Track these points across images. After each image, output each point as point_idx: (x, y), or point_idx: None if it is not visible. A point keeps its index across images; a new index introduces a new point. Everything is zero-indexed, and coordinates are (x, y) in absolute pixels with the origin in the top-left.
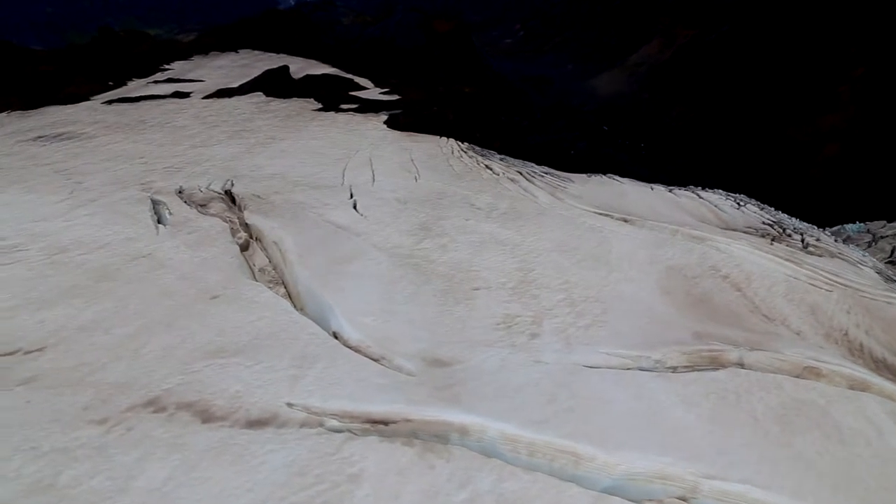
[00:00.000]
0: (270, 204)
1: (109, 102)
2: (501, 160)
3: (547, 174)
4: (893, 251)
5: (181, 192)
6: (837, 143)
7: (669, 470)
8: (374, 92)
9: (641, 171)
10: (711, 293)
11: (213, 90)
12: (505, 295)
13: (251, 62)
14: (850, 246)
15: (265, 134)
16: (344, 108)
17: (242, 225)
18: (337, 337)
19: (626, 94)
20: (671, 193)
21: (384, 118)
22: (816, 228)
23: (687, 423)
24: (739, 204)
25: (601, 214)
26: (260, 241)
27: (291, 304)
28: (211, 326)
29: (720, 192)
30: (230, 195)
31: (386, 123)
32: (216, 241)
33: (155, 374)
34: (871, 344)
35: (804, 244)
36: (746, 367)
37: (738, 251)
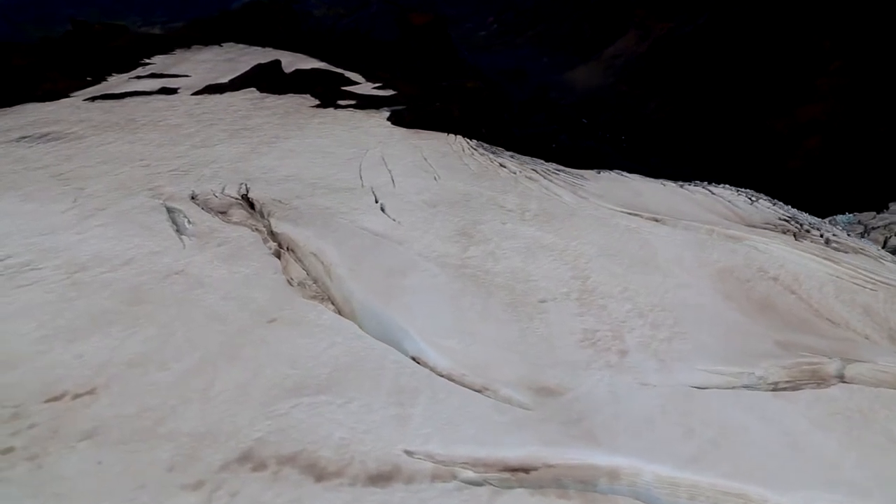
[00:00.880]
0: (296, 210)
1: (92, 99)
2: (512, 157)
3: (559, 171)
4: (886, 242)
5: (195, 197)
6: (818, 135)
7: None
8: (366, 87)
9: (625, 163)
10: (771, 297)
11: (201, 86)
12: (573, 307)
13: (236, 56)
14: (862, 239)
15: (267, 132)
16: (342, 104)
17: (270, 234)
18: (418, 362)
19: (603, 86)
20: (684, 189)
21: (386, 115)
22: (826, 222)
23: (830, 450)
24: (752, 199)
25: (630, 214)
26: (293, 251)
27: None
28: (280, 357)
29: (728, 186)
30: (248, 200)
31: (390, 120)
32: (251, 253)
33: (237, 419)
34: None
35: (826, 240)
36: (848, 380)
37: (777, 251)
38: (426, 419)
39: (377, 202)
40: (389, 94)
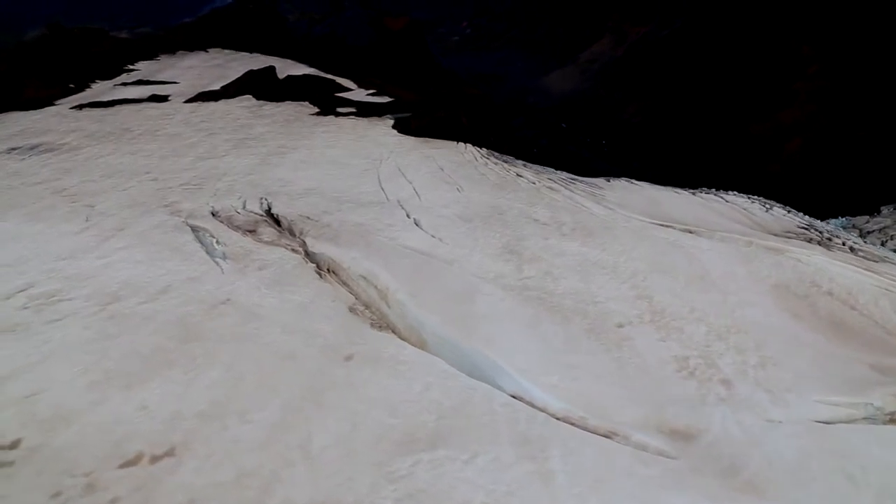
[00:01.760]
0: (330, 227)
1: (79, 108)
2: (525, 166)
3: (575, 180)
4: (883, 245)
5: (216, 214)
6: (798, 138)
7: None
8: (360, 93)
9: (607, 168)
10: (836, 315)
11: (191, 92)
12: (652, 331)
13: (223, 62)
14: (880, 246)
15: (272, 142)
16: (341, 111)
17: (307, 254)
18: (520, 401)
19: (580, 91)
20: (697, 197)
21: (391, 122)
22: (841, 229)
23: None
24: (766, 207)
25: (663, 226)
26: (335, 273)
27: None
28: (374, 402)
29: (737, 193)
30: (272, 216)
31: (396, 128)
32: (298, 277)
33: (355, 484)
34: None
35: (850, 248)
36: None
37: (820, 262)
38: (571, 476)
39: (409, 217)
40: (387, 101)
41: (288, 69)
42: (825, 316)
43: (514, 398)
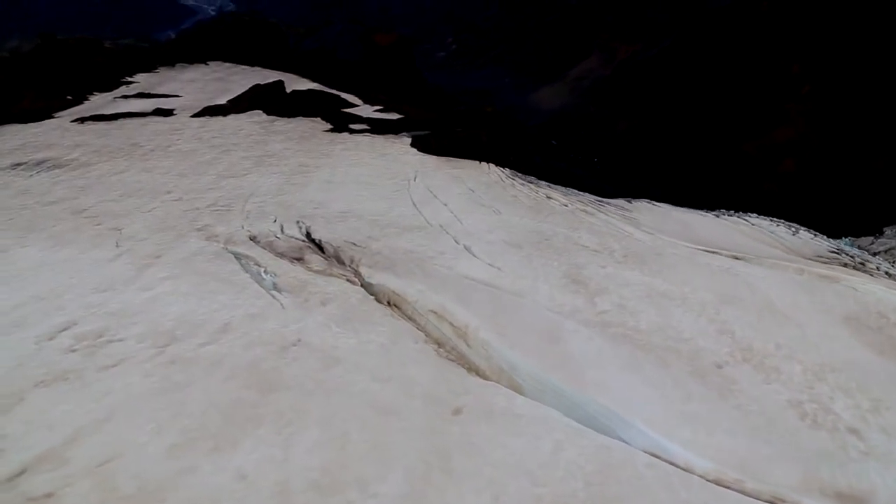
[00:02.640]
0: (382, 255)
1: (81, 121)
2: (549, 186)
3: (601, 202)
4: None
5: (255, 238)
6: (791, 157)
7: None
8: (367, 109)
9: (601, 185)
10: None
11: (196, 106)
12: (752, 372)
13: (225, 75)
14: None
15: (293, 160)
16: (355, 128)
17: (364, 285)
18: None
19: (569, 108)
20: (723, 220)
21: (408, 140)
22: (867, 254)
23: None
24: (793, 230)
25: (710, 252)
26: (397, 307)
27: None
28: (507, 467)
29: (755, 215)
30: (314, 241)
31: (416, 147)
32: (368, 313)
33: None
34: None
35: (886, 273)
36: None
37: (877, 291)
38: None
39: (458, 243)
40: (397, 118)
41: (291, 84)
42: None
43: (653, 456)
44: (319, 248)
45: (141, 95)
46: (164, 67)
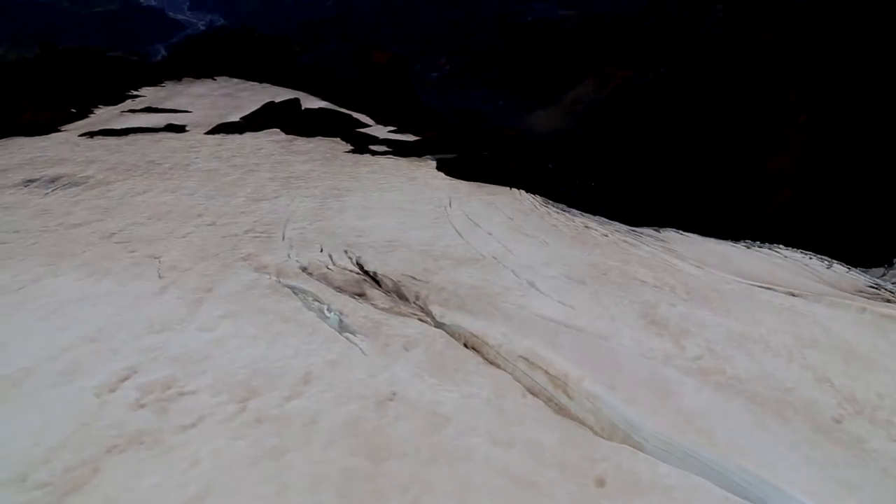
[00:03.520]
0: (448, 292)
1: (90, 135)
2: (582, 215)
3: (633, 231)
4: None
5: (306, 270)
6: (790, 186)
7: None
8: (381, 129)
9: (600, 210)
10: None
11: (207, 122)
12: (869, 426)
13: (233, 91)
14: None
15: (321, 183)
16: (376, 149)
17: (438, 325)
18: None
19: (564, 131)
20: (755, 252)
21: (432, 163)
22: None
23: None
24: (826, 264)
25: (766, 288)
26: (477, 350)
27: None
28: None
29: (782, 247)
30: (368, 273)
31: (443, 171)
32: (461, 362)
33: None
34: None
35: None
36: None
37: None
38: None
39: (519, 277)
40: (416, 139)
41: (301, 101)
42: None
43: None
44: (375, 280)
45: (149, 110)
46: (169, 81)
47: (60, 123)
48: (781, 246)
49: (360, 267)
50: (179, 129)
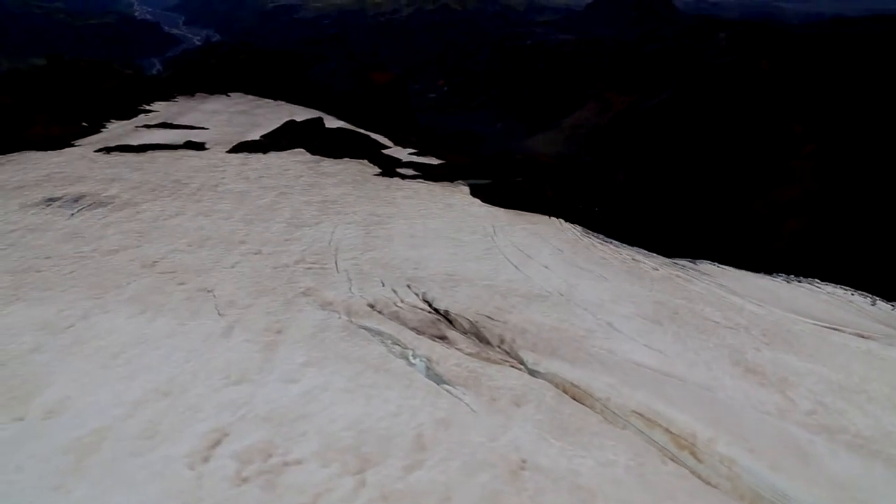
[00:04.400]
0: (535, 336)
1: (107, 151)
2: (622, 245)
3: (677, 264)
4: None
5: (374, 307)
6: (799, 216)
7: None
8: (402, 151)
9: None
10: None
11: (224, 140)
12: None
13: (249, 108)
14: None
15: (359, 208)
16: (404, 173)
17: (531, 373)
18: None
19: (566, 155)
20: (803, 287)
21: (466, 189)
22: None
23: None
24: (871, 300)
25: (837, 330)
26: (580, 401)
27: None
28: None
29: (818, 281)
30: (438, 312)
31: (478, 197)
32: (582, 420)
33: None
34: None
35: None
36: None
37: None
38: None
39: (595, 317)
40: (441, 163)
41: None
42: None
43: None
44: (448, 319)
45: (164, 125)
46: (182, 97)
47: (73, 138)
48: (818, 280)
49: (428, 304)
50: (199, 146)
